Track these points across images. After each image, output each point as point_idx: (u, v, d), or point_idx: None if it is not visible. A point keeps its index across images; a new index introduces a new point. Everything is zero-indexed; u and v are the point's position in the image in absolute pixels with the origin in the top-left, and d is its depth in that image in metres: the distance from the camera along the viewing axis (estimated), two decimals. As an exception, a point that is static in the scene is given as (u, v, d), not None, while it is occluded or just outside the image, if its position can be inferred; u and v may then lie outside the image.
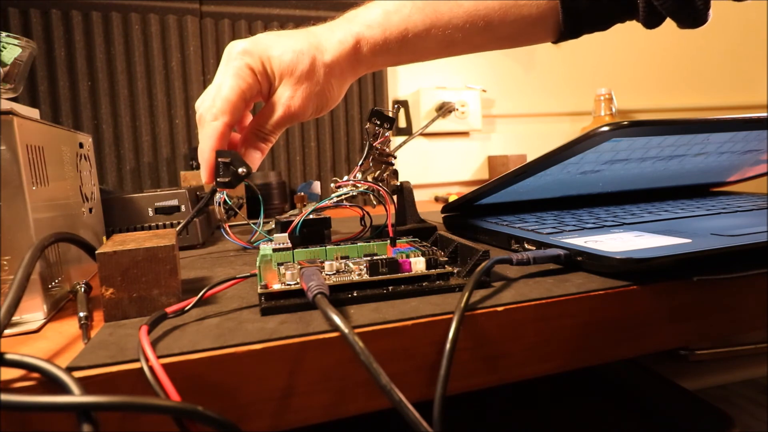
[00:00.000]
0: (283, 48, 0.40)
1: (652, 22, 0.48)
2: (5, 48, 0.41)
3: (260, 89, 0.40)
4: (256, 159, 0.41)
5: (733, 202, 0.58)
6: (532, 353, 0.31)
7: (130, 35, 0.95)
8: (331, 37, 0.42)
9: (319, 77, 0.41)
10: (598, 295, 0.32)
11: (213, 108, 0.38)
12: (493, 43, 0.49)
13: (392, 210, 0.42)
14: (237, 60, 0.39)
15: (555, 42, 0.52)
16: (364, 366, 0.23)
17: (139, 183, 0.98)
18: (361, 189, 0.46)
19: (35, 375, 0.23)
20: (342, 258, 0.38)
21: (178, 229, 0.50)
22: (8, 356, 0.23)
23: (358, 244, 0.39)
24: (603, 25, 0.50)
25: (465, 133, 1.26)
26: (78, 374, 0.23)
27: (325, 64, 0.41)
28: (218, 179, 0.39)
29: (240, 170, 0.38)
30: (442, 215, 0.57)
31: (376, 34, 0.43)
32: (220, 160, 0.38)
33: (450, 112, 1.19)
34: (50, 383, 0.22)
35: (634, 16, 0.49)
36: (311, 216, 0.47)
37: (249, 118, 0.46)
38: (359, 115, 1.12)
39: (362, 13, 0.44)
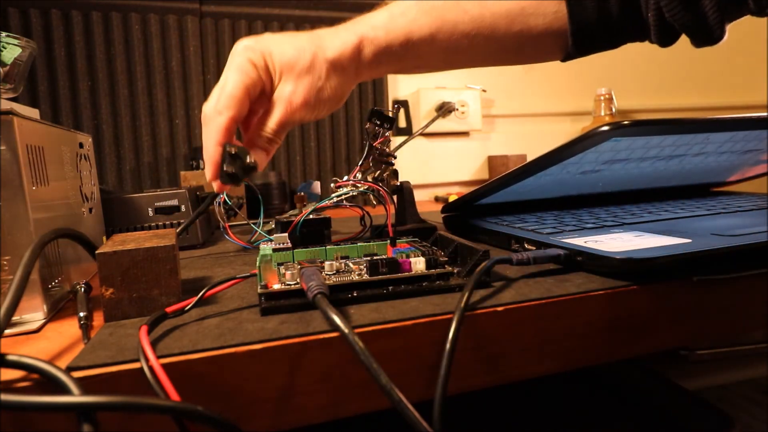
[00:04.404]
0: (284, 45, 0.40)
1: (665, 40, 0.47)
2: (5, 48, 0.41)
3: (263, 86, 0.40)
4: (261, 160, 0.40)
5: (733, 202, 0.58)
6: (532, 353, 0.31)
7: (130, 35, 0.95)
8: (334, 38, 0.42)
9: (321, 72, 0.41)
10: (598, 295, 0.32)
11: (217, 104, 0.38)
12: (499, 54, 0.49)
13: (392, 210, 0.42)
14: (239, 56, 0.39)
15: (563, 60, 0.52)
16: (364, 366, 0.23)
17: (139, 183, 0.98)
18: (361, 189, 0.46)
19: (35, 375, 0.23)
20: (342, 258, 0.38)
21: (178, 230, 0.50)
22: (8, 357, 0.23)
23: (358, 244, 0.39)
24: (612, 42, 0.50)
25: (465, 133, 1.26)
26: (78, 374, 0.23)
27: (327, 60, 0.41)
28: (225, 168, 0.36)
29: (248, 160, 0.36)
30: (442, 215, 0.57)
31: (380, 36, 0.43)
32: (228, 150, 0.36)
33: (450, 112, 1.19)
34: (50, 383, 0.22)
35: (646, 36, 0.48)
36: (311, 216, 0.47)
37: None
38: (359, 115, 1.12)
39: (369, 16, 0.44)
